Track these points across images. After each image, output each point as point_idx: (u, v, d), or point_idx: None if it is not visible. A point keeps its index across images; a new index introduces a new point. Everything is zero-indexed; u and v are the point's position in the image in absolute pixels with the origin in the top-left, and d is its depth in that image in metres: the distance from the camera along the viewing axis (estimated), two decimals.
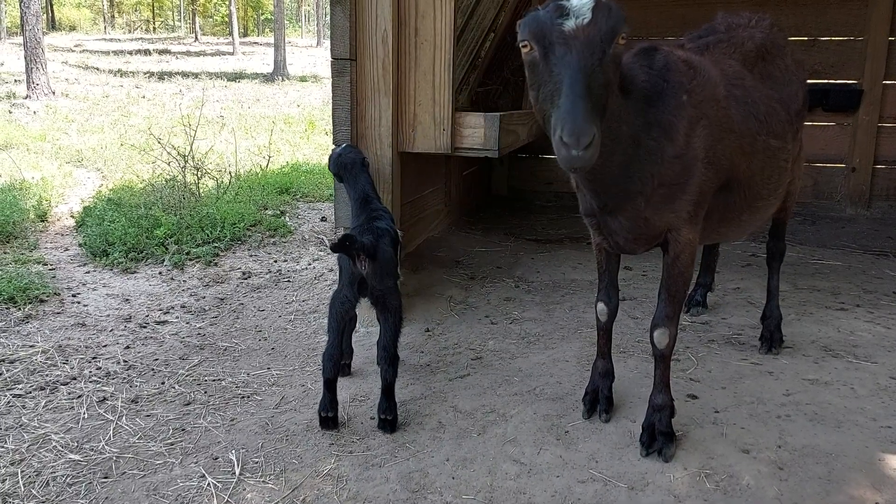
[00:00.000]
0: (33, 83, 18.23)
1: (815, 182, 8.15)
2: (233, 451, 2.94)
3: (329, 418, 3.13)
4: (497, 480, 2.71)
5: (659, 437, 2.82)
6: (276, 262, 5.76)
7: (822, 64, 7.94)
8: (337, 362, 3.14)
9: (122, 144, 11.82)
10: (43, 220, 6.93)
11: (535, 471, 2.75)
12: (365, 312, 4.06)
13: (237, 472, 2.79)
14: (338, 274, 3.35)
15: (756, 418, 3.06)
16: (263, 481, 2.74)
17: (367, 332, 4.20)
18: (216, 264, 5.62)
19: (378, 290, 3.11)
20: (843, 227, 7.09)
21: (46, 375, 3.64)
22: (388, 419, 3.08)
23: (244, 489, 2.70)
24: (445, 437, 3.02)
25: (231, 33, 41.11)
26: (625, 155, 2.51)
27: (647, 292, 4.78)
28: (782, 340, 3.80)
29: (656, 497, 2.58)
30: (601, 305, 3.13)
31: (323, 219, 7.12)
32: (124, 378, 3.64)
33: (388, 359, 3.08)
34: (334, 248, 2.98)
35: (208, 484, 2.72)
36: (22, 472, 2.80)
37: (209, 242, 5.97)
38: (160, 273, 5.40)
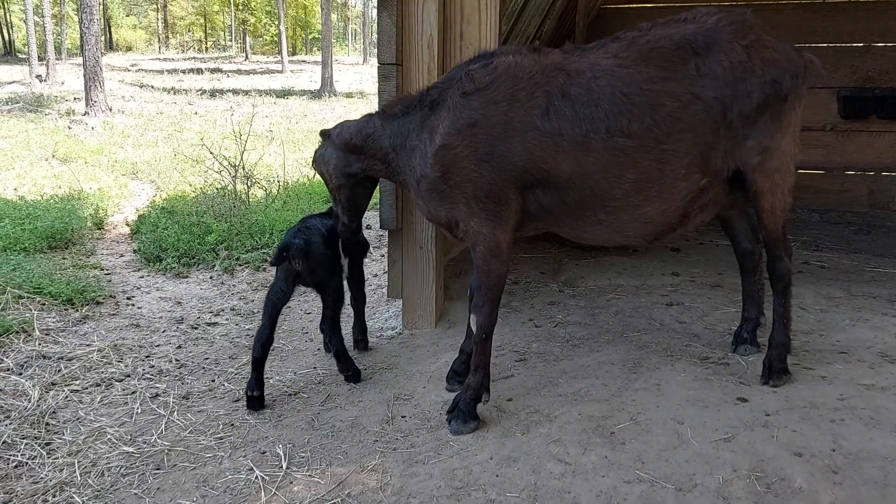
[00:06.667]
0: (92, 101, 18.92)
1: (871, 191, 7.93)
2: (280, 446, 2.98)
3: (254, 397, 3.36)
4: (541, 479, 2.69)
5: (456, 411, 3.11)
6: None
7: (876, 70, 7.75)
8: (265, 344, 3.41)
9: (175, 155, 12.16)
10: (100, 228, 7.19)
11: (580, 470, 2.72)
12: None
13: (284, 466, 2.84)
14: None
15: (808, 422, 2.97)
16: (310, 475, 2.78)
17: (410, 333, 4.23)
18: (264, 269, 5.74)
19: (313, 281, 3.53)
20: None
21: (102, 372, 3.76)
22: (349, 374, 3.60)
23: (291, 482, 2.74)
24: (489, 435, 3.02)
25: (280, 52, 42.03)
26: (387, 157, 3.30)
27: (696, 298, 4.71)
28: (785, 372, 3.35)
29: (705, 499, 2.53)
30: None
31: (367, 227, 7.20)
32: (176, 376, 3.73)
33: (332, 331, 3.55)
34: (274, 263, 3.44)
35: (256, 477, 2.77)
36: (79, 462, 2.89)
37: (258, 248, 6.11)
38: (211, 277, 5.54)
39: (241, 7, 51.25)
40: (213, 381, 3.68)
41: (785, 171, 3.23)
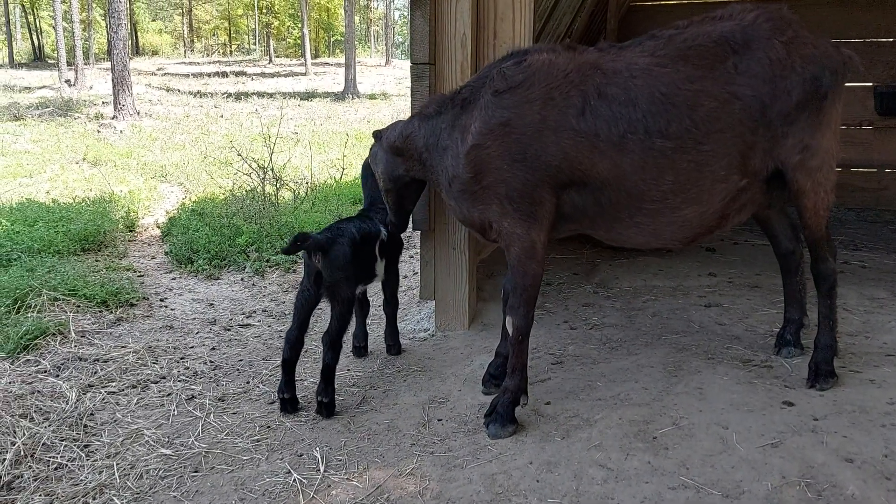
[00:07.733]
0: (120, 104, 19.12)
1: None
2: (317, 449, 2.96)
3: (286, 400, 3.30)
4: (583, 485, 2.63)
5: (494, 415, 3.05)
6: None
7: None
8: (294, 346, 3.34)
9: (205, 158, 12.26)
10: (131, 231, 7.24)
11: (623, 476, 2.67)
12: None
13: (322, 469, 2.81)
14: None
15: (858, 427, 2.88)
16: (347, 479, 2.75)
17: (443, 335, 4.19)
18: (295, 271, 5.74)
19: (328, 283, 3.33)
20: None
21: (138, 374, 3.77)
22: (324, 402, 3.27)
23: (329, 486, 2.71)
24: (528, 440, 2.97)
25: (303, 55, 42.27)
26: (421, 157, 3.26)
27: (735, 299, 4.61)
28: (832, 375, 3.26)
29: None
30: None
31: None
32: (211, 377, 3.73)
33: (329, 343, 3.30)
34: (286, 251, 3.21)
35: (294, 480, 2.74)
36: (117, 464, 2.89)
37: None
38: (242, 279, 5.55)
39: (264, 11, 51.68)
40: (247, 382, 3.68)
41: (827, 168, 3.13)
